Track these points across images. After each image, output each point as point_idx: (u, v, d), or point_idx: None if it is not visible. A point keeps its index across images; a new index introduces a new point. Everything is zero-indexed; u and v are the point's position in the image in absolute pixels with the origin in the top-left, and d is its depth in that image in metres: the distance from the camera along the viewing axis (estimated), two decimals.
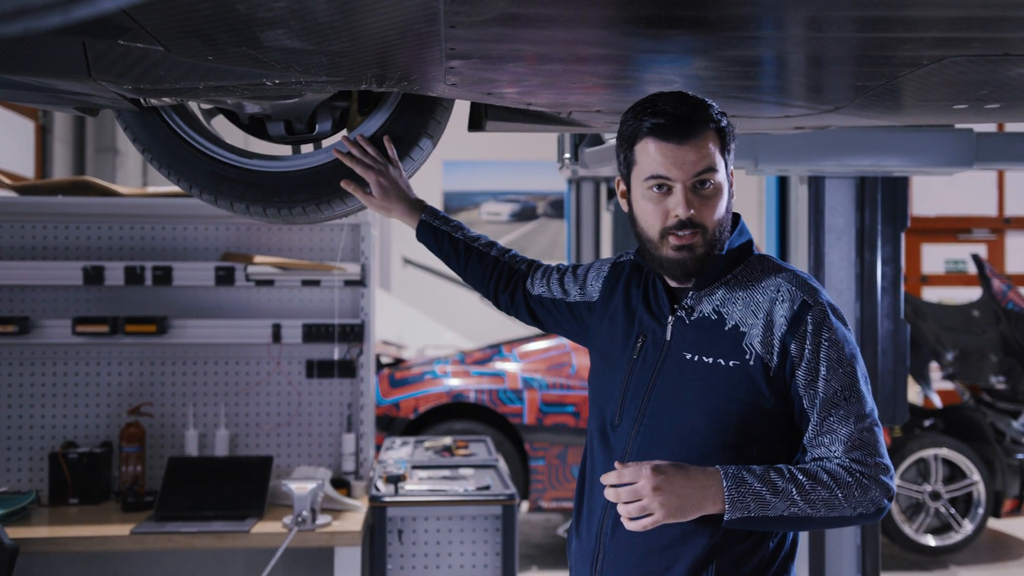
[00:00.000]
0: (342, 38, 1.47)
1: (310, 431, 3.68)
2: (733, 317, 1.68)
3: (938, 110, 1.98)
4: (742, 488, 1.57)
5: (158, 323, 3.52)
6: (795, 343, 1.63)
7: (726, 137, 1.68)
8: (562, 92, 1.86)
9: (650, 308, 1.77)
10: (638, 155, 1.68)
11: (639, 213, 1.71)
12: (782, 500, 1.57)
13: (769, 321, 1.65)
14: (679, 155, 1.63)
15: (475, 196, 10.50)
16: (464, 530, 3.27)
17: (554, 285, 2.02)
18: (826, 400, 1.63)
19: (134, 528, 3.07)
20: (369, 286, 3.68)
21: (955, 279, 9.36)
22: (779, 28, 1.51)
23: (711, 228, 1.66)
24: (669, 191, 1.65)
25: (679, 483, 1.55)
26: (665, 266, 1.70)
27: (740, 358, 1.64)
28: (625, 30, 1.51)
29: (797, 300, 1.66)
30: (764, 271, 1.72)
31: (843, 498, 1.58)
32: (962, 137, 2.74)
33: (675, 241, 1.66)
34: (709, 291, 1.71)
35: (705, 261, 1.68)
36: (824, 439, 1.63)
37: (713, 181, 1.65)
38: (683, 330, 1.71)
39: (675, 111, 1.63)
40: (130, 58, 1.63)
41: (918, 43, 1.50)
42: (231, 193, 2.08)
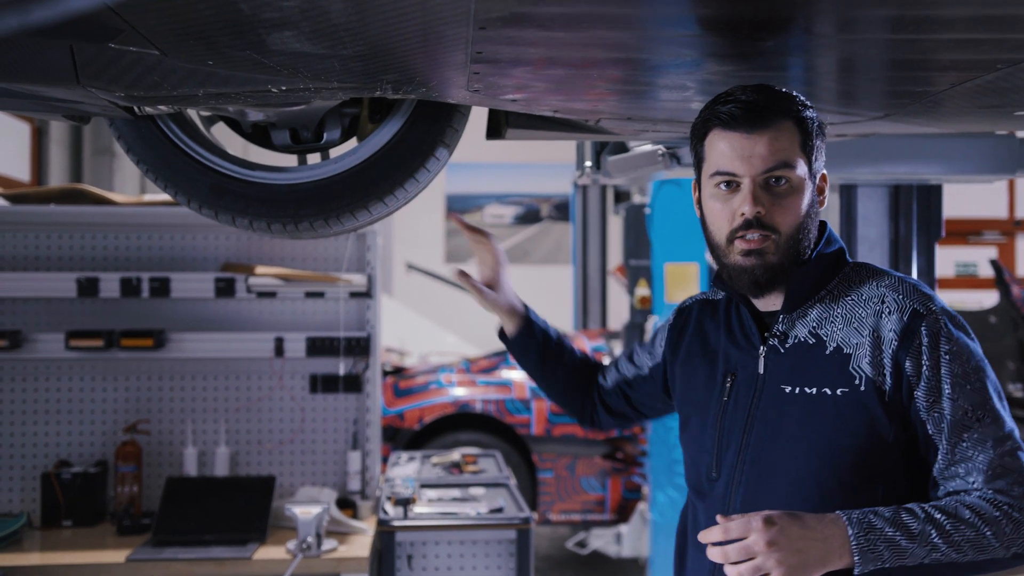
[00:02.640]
0: (358, 41, 1.32)
1: (314, 449, 3.53)
2: (834, 339, 1.47)
3: (997, 116, 1.84)
4: (871, 535, 1.34)
5: (155, 337, 3.37)
6: (910, 360, 1.42)
7: (810, 131, 1.48)
8: (596, 98, 1.71)
9: (736, 341, 1.58)
10: (707, 149, 1.51)
11: (708, 215, 1.52)
12: (920, 545, 1.34)
13: (877, 338, 1.44)
14: (747, 147, 1.44)
15: (479, 199, 10.35)
16: (477, 554, 3.12)
17: (624, 366, 1.85)
18: (955, 423, 1.40)
19: (130, 555, 2.93)
20: (375, 297, 3.53)
21: (966, 282, 9.23)
22: (846, 30, 1.36)
23: (785, 232, 1.46)
24: (737, 188, 1.46)
25: (796, 535, 1.32)
26: (733, 276, 1.50)
27: (849, 384, 1.43)
28: (672, 32, 1.36)
29: (907, 310, 1.45)
30: (862, 281, 1.51)
31: (992, 536, 1.35)
32: (1004, 143, 2.60)
33: (742, 245, 1.46)
34: (802, 311, 1.51)
35: (778, 271, 1.47)
36: (959, 469, 1.41)
37: (789, 178, 1.45)
38: (778, 360, 1.51)
39: (748, 99, 1.45)
40: (122, 63, 1.48)
41: (998, 45, 1.35)
42: (232, 207, 1.93)
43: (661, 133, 2.06)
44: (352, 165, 1.94)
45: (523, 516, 3.11)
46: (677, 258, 4.86)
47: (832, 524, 1.34)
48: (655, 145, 2.25)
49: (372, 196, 1.95)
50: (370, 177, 1.94)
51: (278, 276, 3.41)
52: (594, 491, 5.51)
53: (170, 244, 3.51)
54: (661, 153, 2.22)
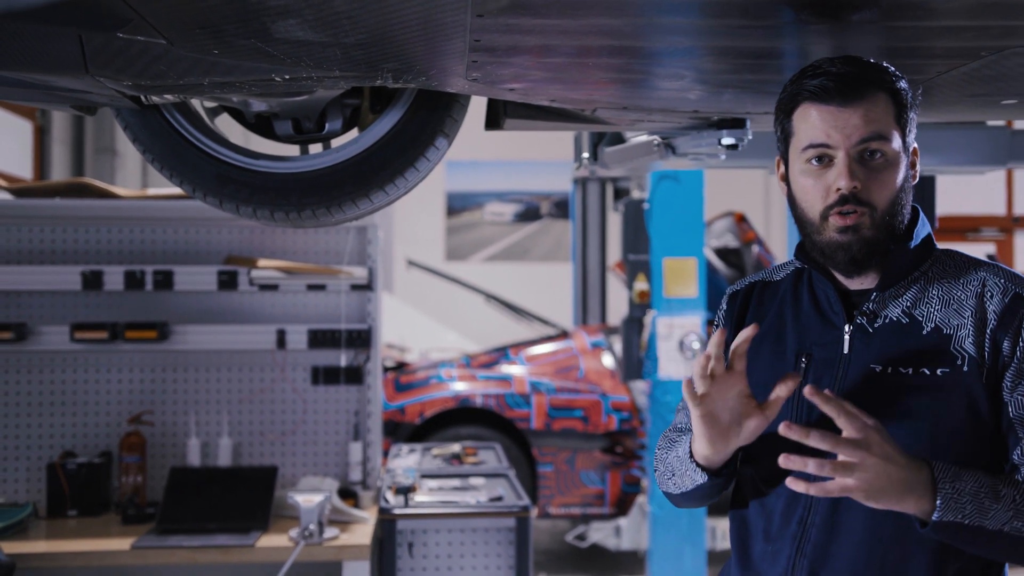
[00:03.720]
0: (359, 29, 1.36)
1: (316, 439, 3.57)
2: (932, 319, 1.43)
3: (985, 105, 1.88)
4: (957, 484, 1.30)
5: (159, 329, 3.41)
6: (1008, 339, 1.38)
7: (904, 103, 1.43)
8: (588, 87, 1.75)
9: (812, 320, 1.51)
10: (796, 123, 1.45)
11: (798, 192, 1.47)
12: (1004, 509, 1.30)
13: (980, 319, 1.41)
14: (841, 119, 1.39)
15: (479, 196, 10.38)
16: (476, 542, 3.16)
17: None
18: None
19: (135, 542, 2.97)
20: (376, 290, 3.57)
21: None
22: (833, 18, 1.40)
23: (881, 207, 1.41)
24: (830, 162, 1.41)
25: (890, 459, 1.28)
26: (827, 253, 1.44)
27: (951, 364, 1.39)
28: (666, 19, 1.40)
29: (1009, 293, 1.41)
30: (959, 265, 1.47)
31: None
32: (996, 135, 2.64)
33: (838, 221, 1.41)
34: (895, 291, 1.46)
35: (874, 247, 1.42)
36: None
37: (884, 151, 1.40)
38: (866, 339, 1.44)
39: (839, 71, 1.40)
40: (130, 52, 1.53)
41: (981, 33, 1.39)
42: (237, 196, 1.97)
43: (656, 123, 2.10)
44: (354, 154, 1.99)
45: (522, 504, 3.15)
46: (675, 253, 4.90)
47: (920, 466, 1.31)
48: (651, 136, 2.29)
49: (373, 185, 1.99)
50: (371, 166, 1.98)
51: (280, 269, 3.45)
52: (593, 485, 5.55)
53: (174, 237, 3.55)
54: (656, 143, 2.26)
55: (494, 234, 10.40)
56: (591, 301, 7.39)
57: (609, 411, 5.58)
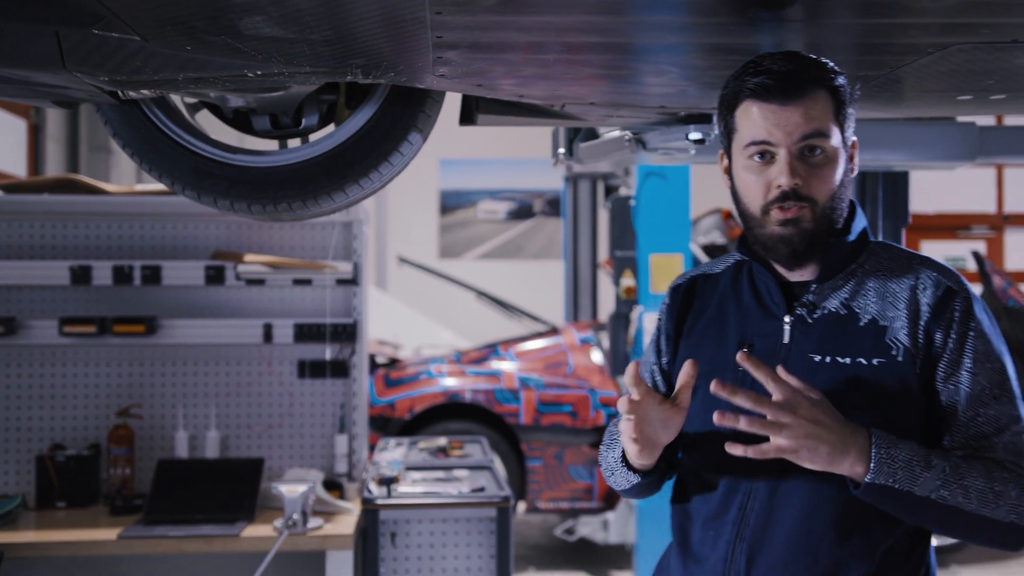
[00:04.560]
0: (323, 26, 1.41)
1: (302, 432, 3.62)
2: (868, 311, 1.48)
3: (941, 101, 1.93)
4: (892, 451, 1.35)
5: (147, 323, 3.46)
6: (940, 331, 1.45)
7: (842, 100, 1.47)
8: (555, 83, 1.80)
9: (752, 311, 1.55)
10: (738, 120, 1.49)
11: (740, 187, 1.51)
12: (933, 477, 1.35)
13: (914, 311, 1.46)
14: (782, 117, 1.43)
15: (471, 194, 10.43)
16: (459, 532, 3.21)
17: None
18: (973, 397, 1.43)
19: (122, 532, 3.01)
20: (362, 285, 3.62)
21: None
22: (777, 14, 1.45)
23: (821, 202, 1.45)
24: (772, 159, 1.45)
25: (822, 424, 1.34)
26: (769, 246, 1.49)
27: (885, 354, 1.44)
28: (618, 16, 1.45)
29: (941, 286, 1.47)
30: (894, 258, 1.53)
31: (997, 495, 1.36)
32: (964, 131, 2.69)
33: (779, 215, 1.45)
34: (833, 283, 1.51)
35: (815, 240, 1.47)
36: (971, 442, 1.43)
37: (824, 148, 1.45)
38: (805, 330, 1.50)
39: (780, 68, 1.43)
40: (105, 48, 1.57)
41: (923, 30, 1.44)
42: (214, 189, 2.02)
43: (625, 118, 2.15)
44: (328, 148, 2.03)
45: (503, 495, 3.20)
46: (662, 249, 4.95)
47: (857, 431, 1.37)
48: (622, 131, 2.34)
49: (348, 178, 2.04)
50: (346, 160, 2.03)
51: (266, 264, 3.50)
52: (582, 479, 5.61)
53: (161, 233, 3.60)
54: (627, 139, 2.31)
55: (487, 232, 10.45)
56: (582, 298, 7.44)
57: (597, 406, 5.64)
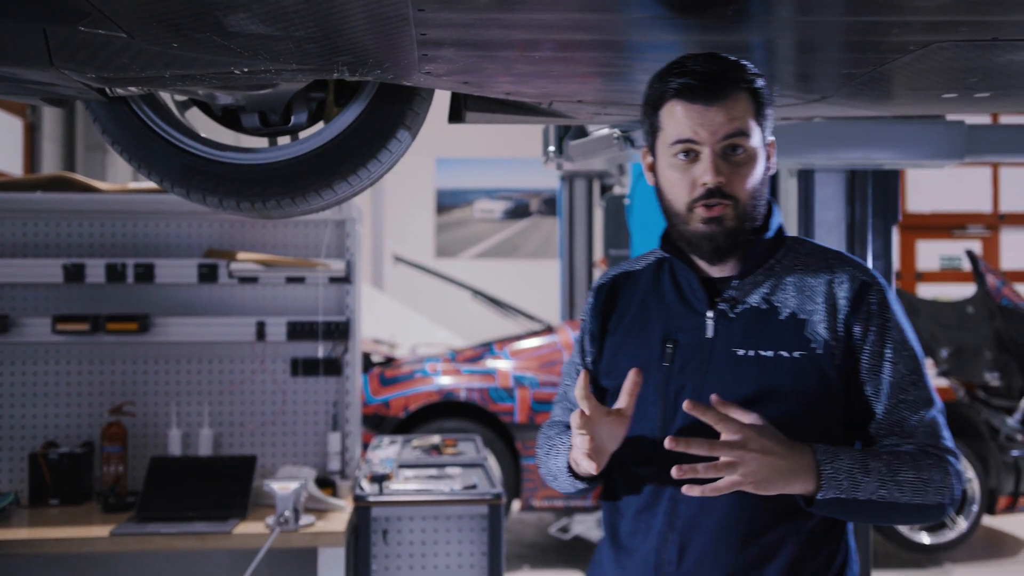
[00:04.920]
0: (308, 23, 1.42)
1: (295, 430, 3.63)
2: (788, 305, 1.54)
3: (927, 99, 1.94)
4: (835, 464, 1.43)
5: (140, 321, 3.47)
6: (858, 325, 1.52)
7: (761, 101, 1.52)
8: (542, 80, 1.81)
9: (675, 307, 1.59)
10: (663, 119, 1.53)
11: (665, 184, 1.55)
12: (873, 480, 1.44)
13: (831, 305, 1.53)
14: (707, 117, 1.48)
15: (468, 194, 10.44)
16: (450, 530, 3.22)
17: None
18: (894, 385, 1.52)
19: (114, 529, 3.02)
20: (355, 283, 3.63)
21: (950, 276, 9.32)
22: (765, 11, 1.46)
23: (743, 200, 1.51)
24: (696, 157, 1.50)
25: (771, 451, 1.39)
26: (693, 242, 1.54)
27: (805, 347, 1.51)
28: (605, 14, 1.46)
29: (856, 280, 1.54)
30: (809, 254, 1.59)
31: (925, 482, 1.47)
32: (953, 129, 2.70)
33: (703, 213, 1.50)
34: (753, 279, 1.56)
35: (737, 237, 1.52)
36: (895, 428, 1.52)
37: (745, 147, 1.50)
38: (728, 324, 1.55)
39: (704, 70, 1.48)
40: (92, 45, 1.58)
41: (904, 28, 1.45)
42: (203, 186, 2.03)
43: (613, 116, 2.16)
44: (317, 146, 2.04)
45: (495, 492, 3.21)
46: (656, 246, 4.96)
47: (802, 451, 1.43)
48: (611, 129, 2.34)
49: (337, 176, 2.05)
50: (334, 157, 2.04)
51: (259, 262, 3.51)
52: None
53: (155, 231, 3.60)
54: (616, 137, 2.31)
55: (484, 231, 10.46)
56: (578, 297, 7.45)
57: None
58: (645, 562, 1.55)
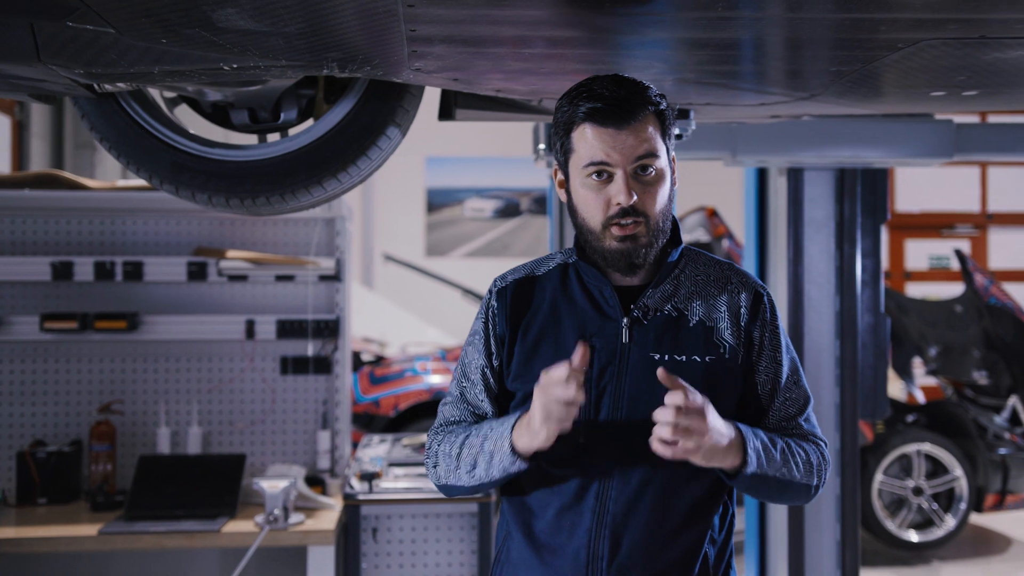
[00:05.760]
0: (298, 18, 1.42)
1: (284, 428, 3.62)
2: (696, 313, 1.65)
3: (915, 97, 1.94)
4: (755, 442, 1.58)
5: (129, 319, 3.46)
6: (756, 331, 1.67)
7: (666, 121, 1.61)
8: (531, 78, 1.81)
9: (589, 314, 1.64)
10: (575, 142, 1.60)
11: (579, 203, 1.62)
12: (780, 458, 1.60)
13: (734, 313, 1.66)
14: (618, 140, 1.55)
15: (458, 192, 10.43)
16: (440, 528, 3.22)
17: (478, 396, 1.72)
18: (784, 385, 1.68)
19: (102, 528, 3.01)
20: (344, 281, 3.62)
21: (939, 275, 9.36)
22: (755, 9, 1.46)
23: (654, 217, 1.60)
24: (609, 178, 1.58)
25: (718, 428, 1.52)
26: (608, 259, 1.61)
27: (715, 352, 1.63)
28: (594, 11, 1.46)
29: (751, 289, 1.69)
30: (707, 264, 1.71)
31: (809, 465, 1.64)
32: (941, 127, 2.71)
33: (618, 232, 1.58)
34: (663, 288, 1.65)
35: (649, 251, 1.61)
36: (783, 423, 1.69)
37: (655, 167, 1.59)
38: (642, 331, 1.62)
39: (612, 94, 1.55)
40: (80, 41, 1.57)
41: (893, 25, 1.45)
42: (192, 183, 2.02)
43: None
44: (307, 143, 2.04)
45: None
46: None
47: (731, 429, 1.56)
48: None
49: (326, 173, 2.05)
50: (324, 154, 2.04)
51: (248, 260, 3.50)
52: None
53: (144, 229, 3.59)
54: None
55: (474, 230, 10.45)
56: None
57: None
58: (575, 559, 1.59)
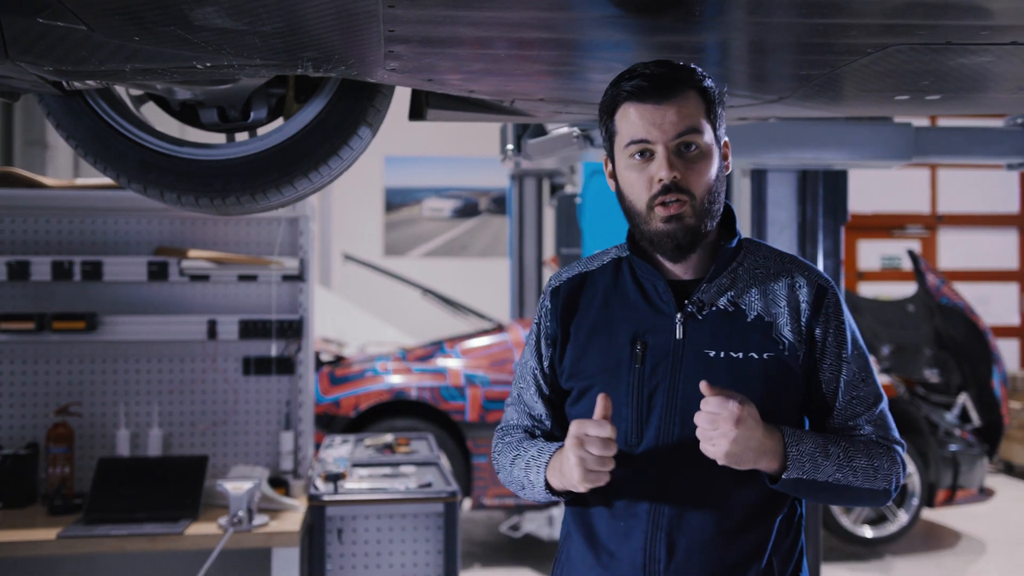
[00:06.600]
0: (276, 18, 1.41)
1: (247, 429, 3.59)
2: (754, 308, 1.59)
3: (880, 101, 1.99)
4: (801, 447, 1.52)
5: (87, 320, 3.40)
6: (819, 327, 1.60)
7: (712, 100, 1.56)
8: (505, 79, 1.82)
9: (642, 309, 1.61)
10: (618, 123, 1.57)
11: (624, 186, 1.58)
12: (832, 463, 1.54)
13: (794, 308, 1.59)
14: (658, 115, 1.52)
15: (417, 192, 10.41)
16: (406, 528, 3.21)
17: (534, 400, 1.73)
18: (849, 383, 1.61)
19: (61, 532, 2.96)
20: (308, 281, 3.60)
21: (890, 275, 9.54)
22: (723, 12, 1.48)
23: (699, 195, 1.54)
24: (651, 156, 1.53)
25: (750, 430, 1.46)
26: (655, 241, 1.56)
27: (774, 349, 1.57)
28: (566, 13, 1.47)
29: (814, 285, 1.61)
30: (767, 257, 1.65)
31: (875, 469, 1.57)
32: (900, 131, 2.77)
33: (662, 212, 1.53)
34: (720, 282, 1.60)
35: (696, 233, 1.56)
36: (849, 422, 1.62)
37: (698, 144, 1.54)
38: (697, 326, 1.58)
39: (653, 72, 1.53)
40: (50, 38, 1.55)
41: (863, 30, 1.48)
42: (160, 182, 2.00)
43: (574, 115, 2.18)
44: (277, 142, 2.03)
45: (451, 490, 3.21)
46: (607, 245, 4.98)
47: (773, 433, 1.51)
48: (571, 127, 2.36)
49: (297, 172, 2.04)
50: (295, 154, 2.03)
51: (211, 259, 3.46)
52: None
53: (103, 228, 3.54)
54: (576, 135, 2.33)
55: (433, 230, 10.44)
56: (527, 295, 7.47)
57: None
58: (632, 562, 1.57)
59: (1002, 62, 1.68)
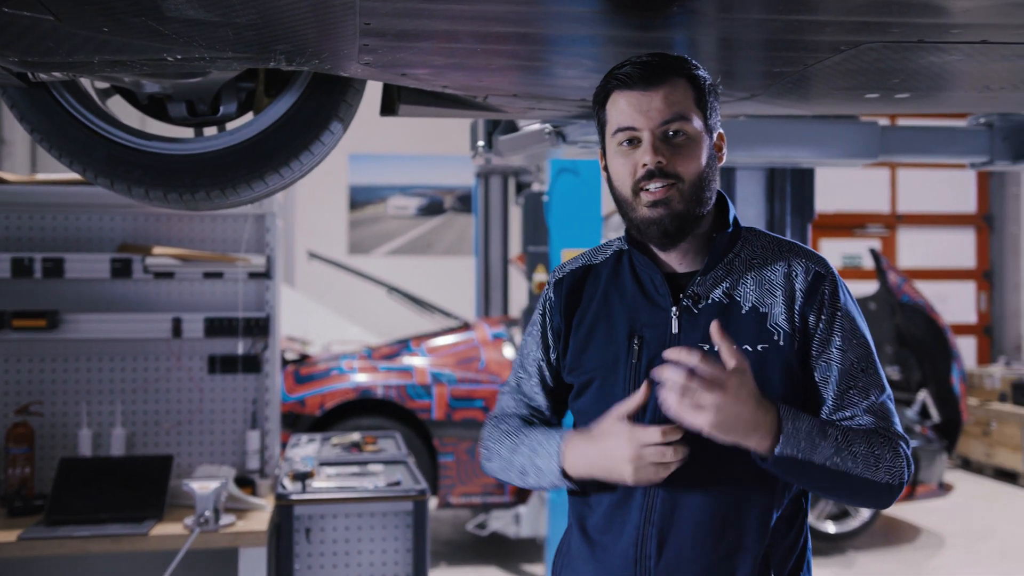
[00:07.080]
0: (250, 9, 1.39)
1: (212, 428, 3.54)
2: (748, 299, 1.56)
3: (850, 99, 2.00)
4: (796, 424, 1.46)
5: (48, 317, 3.34)
6: (812, 314, 1.56)
7: (702, 88, 1.55)
8: (479, 73, 1.81)
9: (639, 303, 1.60)
10: (608, 113, 1.57)
11: (613, 174, 1.57)
12: (829, 445, 1.47)
13: (789, 296, 1.56)
14: (644, 102, 1.51)
15: (382, 190, 10.36)
16: (374, 527, 3.19)
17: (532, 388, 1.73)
18: (846, 371, 1.55)
19: (22, 533, 2.90)
20: (274, 278, 3.56)
21: (852, 273, 9.66)
22: (695, 9, 1.48)
23: (687, 180, 1.52)
24: (638, 143, 1.53)
25: (743, 401, 1.42)
26: (643, 228, 1.55)
27: (768, 340, 1.54)
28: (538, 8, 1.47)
29: (811, 272, 1.58)
30: (765, 247, 1.61)
31: (876, 458, 1.50)
32: (867, 129, 2.79)
33: (648, 197, 1.52)
34: (715, 274, 1.58)
35: (684, 220, 1.53)
36: (847, 412, 1.55)
37: (686, 131, 1.52)
38: (692, 320, 1.56)
39: (643, 61, 1.53)
40: (16, 28, 1.51)
41: (837, 27, 1.49)
42: (128, 177, 1.96)
43: (547, 111, 2.17)
44: (248, 137, 2.00)
45: (419, 488, 3.19)
46: (574, 244, 4.99)
47: (768, 408, 1.45)
48: (543, 124, 2.36)
49: (268, 167, 2.01)
50: (265, 149, 2.00)
51: (176, 256, 3.41)
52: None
53: (64, 224, 3.48)
54: (548, 132, 2.33)
55: (398, 228, 10.39)
56: (493, 293, 7.47)
57: None
58: (624, 557, 1.56)
59: (970, 61, 1.70)
